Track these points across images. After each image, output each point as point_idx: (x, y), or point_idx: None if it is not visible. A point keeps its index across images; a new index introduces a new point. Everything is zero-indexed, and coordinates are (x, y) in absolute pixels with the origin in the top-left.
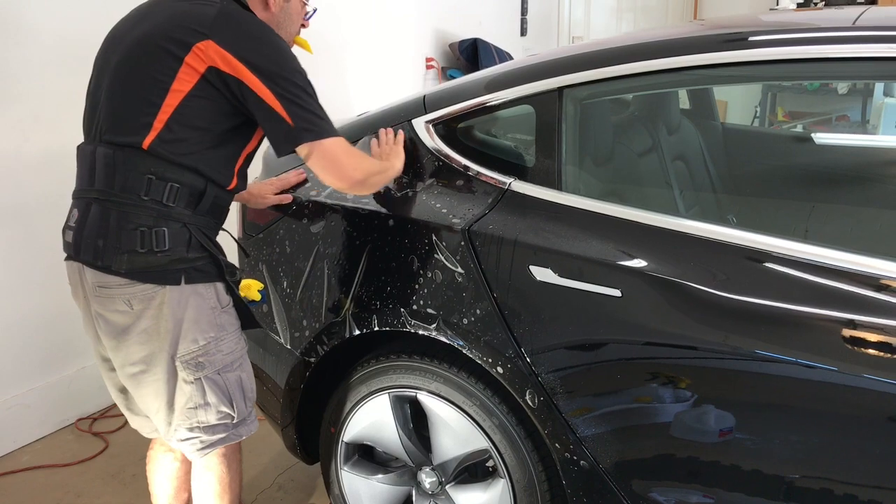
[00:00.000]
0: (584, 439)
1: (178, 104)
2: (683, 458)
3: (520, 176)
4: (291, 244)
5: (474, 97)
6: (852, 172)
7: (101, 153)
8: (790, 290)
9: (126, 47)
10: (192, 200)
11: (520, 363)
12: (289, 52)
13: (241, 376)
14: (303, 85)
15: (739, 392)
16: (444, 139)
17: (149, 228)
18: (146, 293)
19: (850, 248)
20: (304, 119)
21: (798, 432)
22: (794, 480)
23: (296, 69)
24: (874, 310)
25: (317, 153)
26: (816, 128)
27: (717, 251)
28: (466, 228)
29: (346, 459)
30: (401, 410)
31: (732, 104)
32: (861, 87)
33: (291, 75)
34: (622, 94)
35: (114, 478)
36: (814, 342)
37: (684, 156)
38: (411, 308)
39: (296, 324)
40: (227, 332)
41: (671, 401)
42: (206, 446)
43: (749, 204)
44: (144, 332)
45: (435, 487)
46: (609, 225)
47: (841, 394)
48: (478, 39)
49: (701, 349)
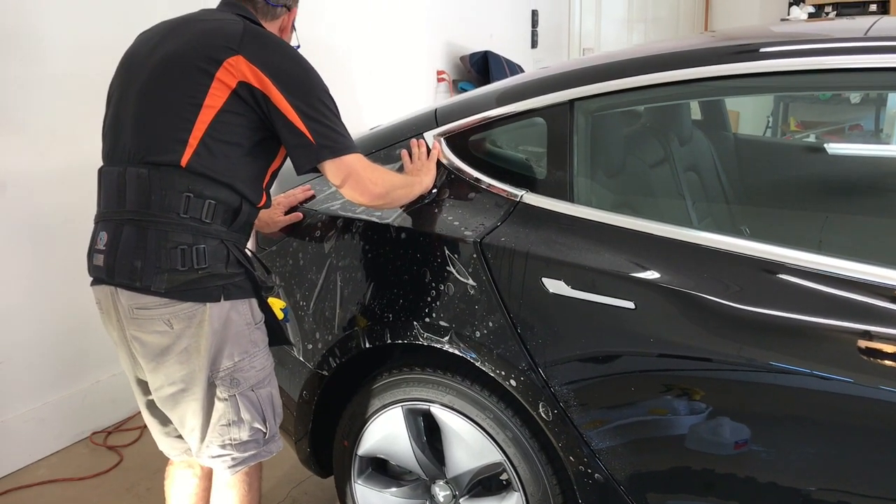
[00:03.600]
0: (598, 452)
1: (211, 120)
2: (699, 471)
3: (531, 188)
4: (304, 257)
5: (485, 110)
6: (866, 182)
7: (133, 174)
8: (805, 302)
9: (151, 67)
10: (227, 217)
11: (533, 376)
12: (313, 70)
13: (271, 392)
14: (326, 102)
15: (755, 404)
16: (455, 152)
17: (189, 246)
18: (187, 312)
19: (864, 259)
20: (325, 136)
21: (814, 444)
22: (810, 493)
23: (320, 87)
24: (890, 321)
25: (336, 169)
26: (829, 137)
27: (731, 262)
28: (478, 241)
29: (360, 473)
30: (414, 423)
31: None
32: (874, 96)
33: (315, 93)
34: (633, 106)
35: (128, 491)
36: (829, 354)
37: (697, 167)
38: (424, 321)
39: (309, 336)
40: (260, 347)
41: (686, 413)
42: (237, 463)
43: (762, 215)
44: (185, 351)
45: (449, 501)
46: (621, 237)
47: (857, 405)
48: (489, 52)
49: (715, 361)
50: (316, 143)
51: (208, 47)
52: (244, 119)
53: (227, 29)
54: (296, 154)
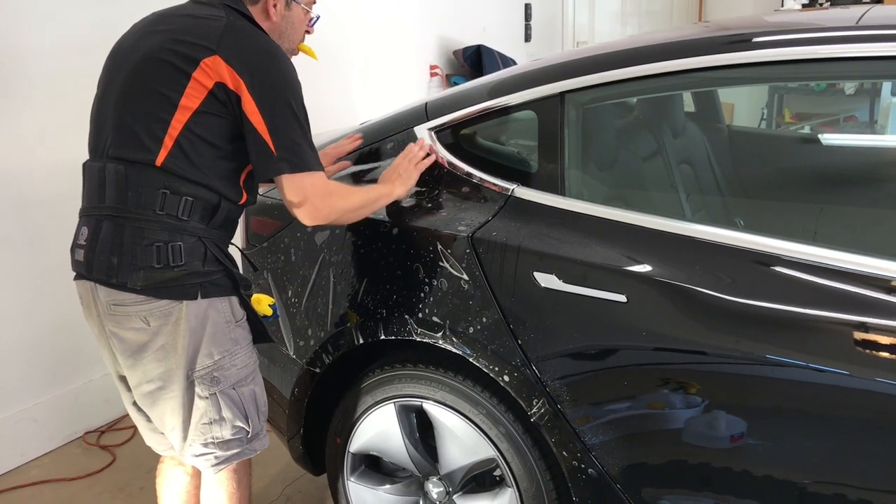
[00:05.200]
0: (591, 447)
1: (188, 120)
2: (694, 465)
3: (523, 182)
4: (296, 253)
5: (476, 103)
6: (861, 173)
7: (112, 169)
8: (800, 294)
9: (132, 63)
10: (205, 214)
11: (526, 371)
12: (292, 75)
13: (254, 390)
14: (297, 113)
15: (750, 397)
16: (446, 146)
17: (165, 243)
18: (163, 309)
19: (859, 251)
20: (287, 149)
21: (810, 437)
22: (806, 486)
23: (294, 96)
24: (886, 312)
25: (290, 187)
26: (824, 129)
27: (725, 255)
28: (471, 235)
29: (353, 470)
30: (407, 420)
31: (739, 106)
32: (868, 87)
33: (287, 101)
34: (625, 98)
35: (121, 491)
36: (825, 346)
37: (690, 159)
38: (417, 316)
39: (301, 333)
40: (241, 346)
41: (680, 407)
42: (220, 462)
43: (756, 207)
44: (162, 348)
45: (442, 497)
46: (613, 230)
47: (853, 398)
48: (482, 46)
49: (710, 354)
50: (277, 154)
51: (186, 45)
52: (221, 120)
53: (208, 26)
54: (255, 162)
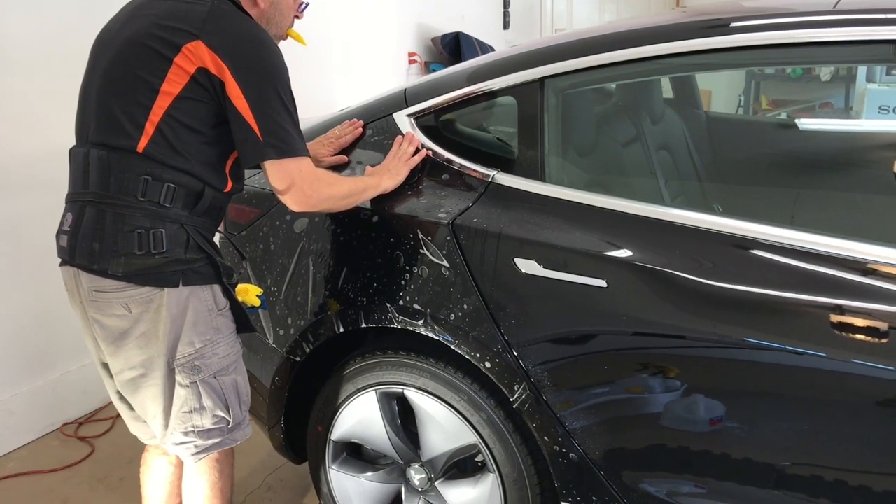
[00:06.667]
0: (572, 432)
1: (169, 106)
2: (674, 449)
3: (503, 168)
4: (275, 241)
5: (455, 89)
6: (836, 158)
7: (95, 156)
8: (777, 277)
9: (115, 48)
10: (189, 201)
11: (507, 357)
12: (278, 60)
13: (236, 380)
14: (283, 98)
15: (729, 380)
16: (426, 133)
17: (146, 230)
18: (144, 296)
19: (836, 234)
20: (273, 134)
21: (788, 419)
22: (785, 468)
23: (280, 81)
24: (861, 294)
25: (278, 172)
26: (801, 115)
27: (703, 239)
28: (451, 222)
29: (335, 458)
30: (388, 407)
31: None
32: (844, 73)
33: (273, 86)
34: (604, 84)
35: (101, 482)
36: (802, 328)
37: (668, 145)
38: (398, 304)
39: (280, 322)
40: (223, 335)
41: (660, 391)
42: (200, 451)
43: (734, 192)
44: (143, 335)
45: (424, 484)
46: (593, 215)
47: (830, 380)
48: (460, 33)
49: (689, 338)
50: (263, 140)
51: (168, 30)
52: (203, 105)
53: (192, 11)
54: (241, 148)
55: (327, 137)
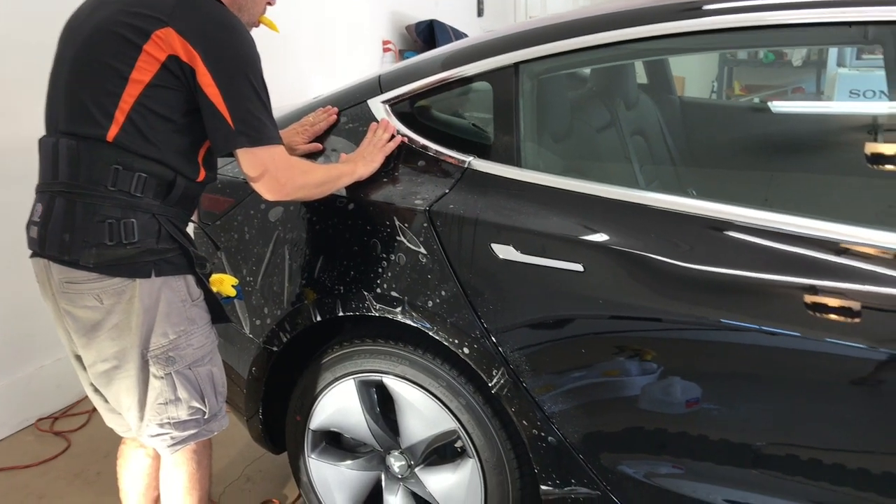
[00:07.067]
0: (551, 416)
1: (139, 94)
2: (651, 431)
3: (479, 154)
4: (250, 231)
5: (430, 75)
6: (809, 141)
7: (64, 145)
8: (752, 258)
9: (83, 36)
10: (160, 191)
11: (486, 343)
12: (250, 47)
13: (212, 371)
14: (255, 85)
15: (705, 362)
16: (401, 119)
17: (117, 220)
18: (116, 287)
19: (809, 215)
20: (245, 122)
21: (763, 400)
22: (761, 447)
23: (252, 68)
24: (835, 274)
25: (250, 161)
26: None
27: (679, 222)
28: (428, 209)
29: (314, 447)
30: (367, 395)
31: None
32: (815, 58)
33: (245, 73)
34: (579, 68)
35: (77, 477)
36: (776, 309)
37: (643, 130)
38: (376, 292)
39: (257, 312)
40: (198, 325)
41: (637, 374)
42: (177, 442)
43: (708, 176)
44: (115, 327)
45: (404, 471)
46: (570, 200)
47: (805, 360)
48: (434, 21)
49: (665, 321)
50: (235, 128)
51: (138, 17)
52: (174, 94)
53: None
54: (213, 136)
55: (301, 125)
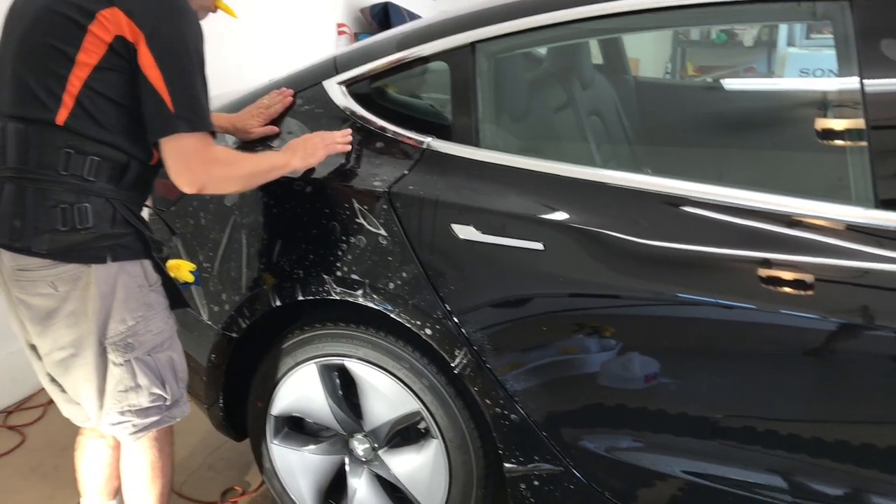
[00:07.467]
0: (514, 394)
1: (88, 77)
2: (612, 406)
3: (438, 134)
4: (206, 216)
5: (386, 56)
6: (761, 118)
7: (12, 129)
8: (707, 233)
9: (28, 17)
10: (114, 174)
11: (448, 323)
12: (195, 29)
13: (171, 356)
14: (198, 70)
15: (663, 337)
16: (358, 100)
17: (70, 205)
18: (71, 274)
19: (762, 189)
20: (186, 107)
21: (720, 372)
22: (718, 419)
23: (195, 51)
24: (787, 247)
25: (175, 146)
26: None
27: (636, 199)
28: (387, 191)
29: (276, 433)
30: (329, 379)
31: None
32: (766, 38)
33: (189, 56)
34: (535, 47)
35: (34, 472)
36: (732, 282)
37: (599, 111)
38: (336, 275)
39: (215, 298)
40: (156, 311)
41: (597, 350)
42: (138, 430)
43: (663, 154)
44: (72, 314)
45: (368, 454)
46: (529, 179)
47: (760, 332)
48: (389, 3)
49: (624, 297)
50: (175, 112)
51: None
52: (122, 76)
53: None
54: (150, 119)
55: (256, 107)
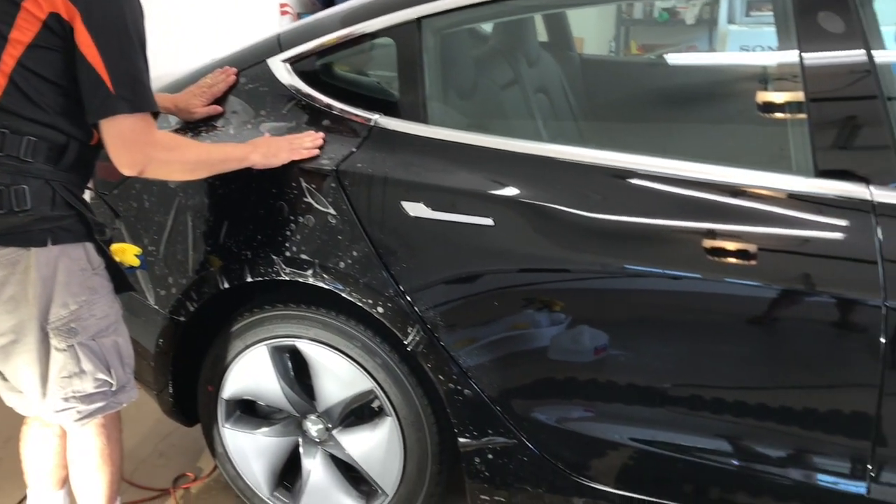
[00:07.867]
0: (467, 370)
1: (21, 56)
2: (563, 378)
3: (385, 111)
4: (150, 198)
5: (331, 32)
6: (703, 93)
7: None
8: (653, 204)
9: None
10: (52, 155)
11: (400, 301)
12: (135, 6)
13: (117, 341)
14: (137, 48)
15: (611, 309)
16: (303, 78)
17: (6, 187)
18: (10, 257)
19: (706, 160)
20: (127, 86)
21: (667, 342)
22: (666, 388)
23: (135, 30)
24: (731, 216)
25: (117, 127)
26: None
27: (583, 172)
28: (335, 169)
29: (228, 417)
30: (280, 361)
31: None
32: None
33: (129, 35)
34: (481, 22)
35: None
36: (677, 252)
37: (545, 88)
38: (285, 255)
39: (161, 282)
40: (100, 295)
41: (547, 324)
42: (83, 416)
43: (609, 130)
44: (12, 299)
45: (322, 434)
46: (477, 155)
47: (705, 301)
48: None
49: (573, 271)
50: (115, 91)
51: None
52: (58, 55)
53: None
54: (89, 101)
55: (199, 87)
